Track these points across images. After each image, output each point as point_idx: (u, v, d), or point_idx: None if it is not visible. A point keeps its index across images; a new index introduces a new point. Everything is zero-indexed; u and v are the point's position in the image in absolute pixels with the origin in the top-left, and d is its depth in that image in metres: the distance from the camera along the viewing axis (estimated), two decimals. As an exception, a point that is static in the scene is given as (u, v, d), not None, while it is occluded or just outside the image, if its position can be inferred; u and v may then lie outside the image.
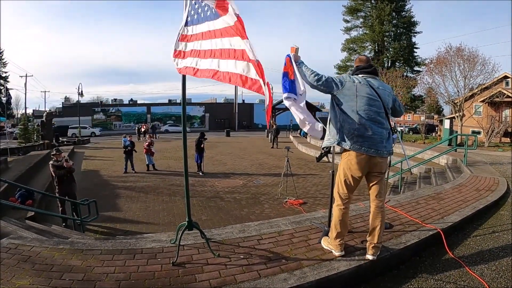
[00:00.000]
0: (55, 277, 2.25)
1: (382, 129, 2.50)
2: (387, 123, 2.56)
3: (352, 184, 2.56)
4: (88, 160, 15.91)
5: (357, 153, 2.45)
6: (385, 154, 2.53)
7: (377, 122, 2.48)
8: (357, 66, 2.74)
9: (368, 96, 2.50)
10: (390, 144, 2.56)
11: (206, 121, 47.45)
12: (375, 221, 2.55)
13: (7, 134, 19.01)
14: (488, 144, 16.22)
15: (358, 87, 2.51)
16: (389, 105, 2.63)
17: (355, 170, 2.50)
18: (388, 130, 2.55)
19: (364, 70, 2.66)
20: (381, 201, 2.57)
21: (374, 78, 2.63)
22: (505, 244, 3.19)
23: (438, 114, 38.81)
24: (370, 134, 2.44)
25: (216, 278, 2.26)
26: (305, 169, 13.09)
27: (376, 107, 2.50)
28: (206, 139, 12.37)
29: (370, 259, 2.53)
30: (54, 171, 6.56)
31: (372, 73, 2.65)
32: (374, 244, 2.54)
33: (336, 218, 2.60)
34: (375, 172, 2.55)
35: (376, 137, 2.46)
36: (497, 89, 19.09)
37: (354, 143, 2.45)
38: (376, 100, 2.51)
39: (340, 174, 2.61)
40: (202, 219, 6.83)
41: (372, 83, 2.57)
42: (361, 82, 2.55)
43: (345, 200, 2.60)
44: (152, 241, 2.91)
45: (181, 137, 2.78)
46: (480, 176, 6.36)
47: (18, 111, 49.79)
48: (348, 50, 36.50)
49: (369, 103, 2.48)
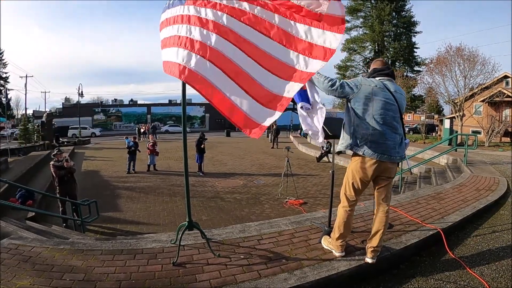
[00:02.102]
0: (56, 277, 2.25)
1: (396, 134, 2.44)
2: (401, 128, 2.50)
3: (360, 187, 2.52)
4: (89, 161, 15.91)
5: (369, 158, 2.40)
6: (397, 160, 2.49)
7: (392, 127, 2.42)
8: (374, 69, 2.63)
9: (385, 100, 2.41)
10: (402, 149, 2.51)
11: (206, 122, 47.45)
12: (378, 225, 2.50)
13: (7, 136, 18.97)
14: (488, 143, 16.22)
15: (375, 91, 2.42)
16: (403, 110, 2.57)
17: (365, 174, 2.45)
18: (401, 136, 2.49)
19: (382, 73, 2.55)
20: (387, 205, 2.53)
21: (391, 82, 2.55)
22: (506, 244, 3.19)
23: (438, 114, 38.75)
24: (384, 139, 2.38)
25: (217, 278, 2.26)
26: (305, 169, 13.09)
27: (392, 111, 2.43)
28: (206, 139, 12.38)
29: (370, 263, 2.49)
30: (55, 171, 6.57)
31: (389, 76, 2.57)
32: (373, 248, 2.49)
33: (340, 219, 2.56)
34: (384, 176, 2.50)
35: (390, 143, 2.40)
36: (497, 88, 19.09)
37: (368, 148, 2.38)
38: (392, 104, 2.44)
39: (348, 176, 2.56)
40: (203, 219, 6.83)
41: (389, 86, 2.49)
42: (378, 86, 2.45)
43: (352, 202, 2.56)
44: (153, 241, 2.91)
45: (181, 138, 2.78)
46: (480, 176, 6.35)
47: (18, 111, 49.94)
48: (348, 50, 36.43)
49: (386, 107, 2.40)
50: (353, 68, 35.99)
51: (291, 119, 34.44)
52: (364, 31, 35.93)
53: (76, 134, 31.99)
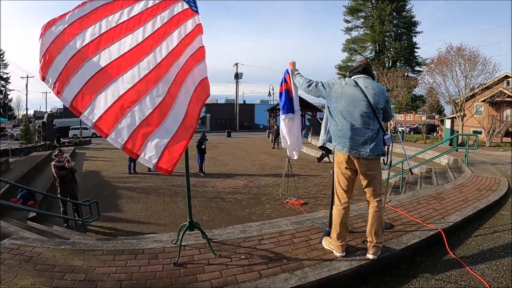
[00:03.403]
0: (57, 278, 2.26)
1: (367, 129, 2.47)
2: (375, 123, 2.51)
3: (345, 181, 2.59)
4: (90, 161, 15.94)
5: (340, 153, 2.54)
6: (369, 156, 2.45)
7: (362, 122, 2.47)
8: (349, 69, 2.79)
9: (352, 97, 2.51)
10: (377, 146, 2.48)
11: (207, 122, 47.44)
12: (371, 220, 2.57)
13: (8, 136, 19.01)
14: (489, 144, 16.18)
15: (344, 88, 2.55)
16: (380, 105, 2.53)
17: (343, 168, 2.58)
18: (374, 131, 2.48)
19: (355, 71, 2.68)
20: (376, 201, 2.57)
21: (364, 79, 2.60)
22: (506, 244, 3.19)
23: (439, 114, 38.74)
24: (352, 135, 2.46)
25: (217, 278, 2.26)
26: (306, 169, 13.09)
27: (361, 107, 2.48)
28: (207, 140, 12.38)
29: (370, 259, 2.54)
30: (56, 171, 6.58)
31: (362, 73, 2.63)
32: (374, 244, 2.55)
33: (336, 219, 2.61)
34: (362, 172, 2.55)
35: (358, 138, 2.46)
36: (498, 88, 19.08)
37: (337, 144, 2.54)
38: (361, 100, 2.49)
39: (334, 173, 2.69)
40: (204, 220, 6.84)
41: (360, 83, 2.55)
42: (348, 83, 2.58)
43: (343, 200, 2.61)
44: (154, 242, 2.92)
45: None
46: (481, 176, 6.34)
47: (20, 112, 50.01)
48: (349, 50, 36.48)
49: (354, 104, 2.49)
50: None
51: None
52: (365, 31, 35.96)
53: (77, 134, 32.01)
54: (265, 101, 51.27)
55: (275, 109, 32.15)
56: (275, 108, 32.44)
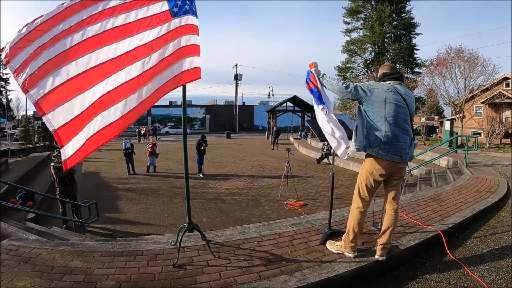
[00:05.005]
0: (56, 279, 2.25)
1: (407, 136, 2.53)
2: (411, 130, 2.60)
3: (373, 187, 2.60)
4: (89, 162, 15.90)
5: (382, 159, 2.49)
6: (408, 160, 2.60)
7: (403, 129, 2.51)
8: (384, 73, 2.69)
9: (396, 103, 2.50)
10: (412, 150, 2.61)
11: (206, 123, 47.43)
12: (388, 223, 2.59)
13: (8, 136, 19.01)
14: (488, 145, 16.21)
15: (387, 94, 2.51)
16: (413, 112, 2.66)
17: (378, 175, 2.54)
18: (411, 137, 2.59)
19: (392, 77, 2.63)
20: (396, 204, 2.64)
21: (400, 85, 2.63)
22: (506, 246, 3.19)
23: (438, 116, 38.79)
24: (396, 141, 2.47)
25: (217, 280, 2.26)
26: (305, 171, 13.08)
27: (403, 114, 2.52)
28: (206, 141, 12.38)
29: (380, 260, 2.57)
30: (55, 172, 6.58)
31: (398, 79, 2.64)
32: (383, 245, 2.58)
33: (355, 220, 2.61)
34: (395, 176, 2.60)
35: (401, 144, 2.49)
36: (497, 90, 19.07)
37: (380, 149, 2.47)
38: (403, 107, 2.53)
39: (362, 177, 2.63)
40: (203, 221, 6.83)
41: (399, 89, 2.58)
42: (389, 89, 2.54)
43: (366, 203, 2.63)
44: (153, 243, 2.91)
45: (182, 139, 2.79)
46: (481, 177, 6.35)
47: (19, 112, 49.95)
48: (348, 51, 36.44)
49: (398, 110, 2.49)
50: (353, 70, 35.98)
51: (292, 121, 34.48)
52: (364, 33, 35.96)
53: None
54: (264, 103, 51.21)
55: (275, 111, 32.24)
56: (275, 109, 32.52)
